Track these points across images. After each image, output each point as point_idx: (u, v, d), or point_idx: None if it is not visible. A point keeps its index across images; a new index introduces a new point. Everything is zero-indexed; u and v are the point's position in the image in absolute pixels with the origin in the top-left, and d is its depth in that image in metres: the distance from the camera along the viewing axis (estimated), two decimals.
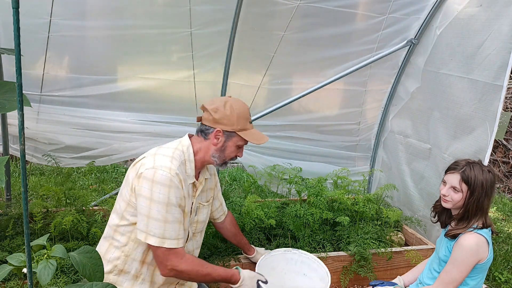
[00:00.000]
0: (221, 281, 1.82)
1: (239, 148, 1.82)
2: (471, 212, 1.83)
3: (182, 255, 1.67)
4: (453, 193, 1.86)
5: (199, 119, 1.82)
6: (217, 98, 1.81)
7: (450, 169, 1.91)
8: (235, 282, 1.83)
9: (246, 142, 1.81)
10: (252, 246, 2.41)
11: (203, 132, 1.79)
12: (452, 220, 1.97)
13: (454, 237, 1.87)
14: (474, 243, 1.78)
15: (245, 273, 1.87)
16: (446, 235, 1.93)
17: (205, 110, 1.80)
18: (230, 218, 2.25)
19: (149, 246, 1.64)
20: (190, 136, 1.83)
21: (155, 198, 1.59)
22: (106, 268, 1.71)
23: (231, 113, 1.74)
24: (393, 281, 2.17)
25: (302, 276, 2.31)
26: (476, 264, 1.81)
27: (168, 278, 1.82)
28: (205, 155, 1.79)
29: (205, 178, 1.90)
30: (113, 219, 1.76)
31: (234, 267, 1.92)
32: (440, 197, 1.96)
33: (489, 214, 4.82)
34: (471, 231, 1.82)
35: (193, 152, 1.77)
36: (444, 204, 1.92)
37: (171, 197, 1.61)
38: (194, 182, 1.79)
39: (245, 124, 1.79)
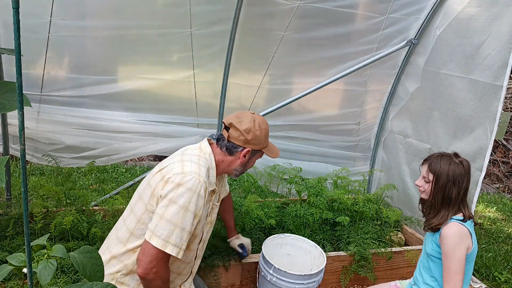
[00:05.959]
0: None
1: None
2: (437, 200, 1.90)
3: (168, 265, 1.66)
4: (424, 183, 1.95)
5: (226, 134, 1.80)
6: (244, 115, 1.80)
7: (423, 161, 2.00)
8: None
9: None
10: (237, 232, 2.43)
11: (229, 149, 1.80)
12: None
13: (432, 229, 1.91)
14: (457, 230, 1.83)
15: None
16: (424, 229, 1.98)
17: (232, 127, 1.78)
18: (227, 197, 2.28)
19: (145, 244, 1.59)
20: (210, 142, 1.84)
21: (176, 200, 1.58)
22: (115, 267, 1.71)
23: (261, 134, 1.80)
24: None
25: (285, 257, 2.43)
26: None
27: (175, 279, 1.83)
28: (227, 168, 1.84)
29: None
30: (130, 221, 1.74)
31: None
32: None
33: (490, 214, 4.81)
34: (452, 221, 1.84)
35: (215, 161, 1.79)
36: (421, 195, 2.01)
37: (191, 203, 1.59)
38: (214, 189, 1.80)
39: (268, 141, 1.90)
